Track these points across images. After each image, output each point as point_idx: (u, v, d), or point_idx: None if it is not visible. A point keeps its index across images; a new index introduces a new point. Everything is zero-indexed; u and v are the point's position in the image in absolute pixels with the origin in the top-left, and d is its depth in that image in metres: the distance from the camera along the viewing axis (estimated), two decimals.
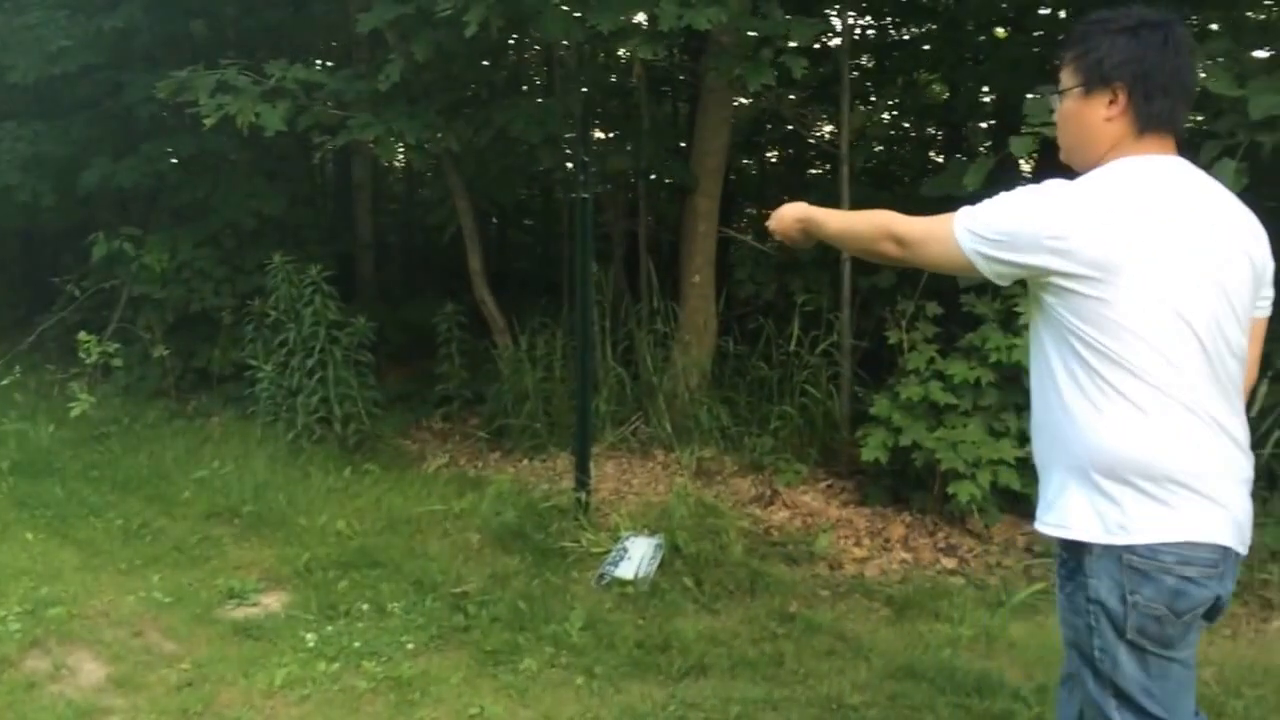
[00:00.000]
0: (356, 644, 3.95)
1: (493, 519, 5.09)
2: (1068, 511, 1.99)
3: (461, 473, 6.13)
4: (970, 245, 1.98)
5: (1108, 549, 1.90)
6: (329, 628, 4.11)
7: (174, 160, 7.81)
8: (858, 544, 4.88)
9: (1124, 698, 1.93)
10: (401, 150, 7.02)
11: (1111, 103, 1.97)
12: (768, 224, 2.50)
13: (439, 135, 6.21)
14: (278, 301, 6.56)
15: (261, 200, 7.76)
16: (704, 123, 6.53)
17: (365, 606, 4.29)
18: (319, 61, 8.23)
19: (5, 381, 6.99)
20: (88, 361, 6.76)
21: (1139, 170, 1.94)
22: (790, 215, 2.42)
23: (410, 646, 3.95)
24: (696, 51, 7.06)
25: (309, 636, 4.02)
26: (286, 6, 8.27)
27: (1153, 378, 1.86)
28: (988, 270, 1.98)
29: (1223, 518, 1.91)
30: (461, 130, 6.36)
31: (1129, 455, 1.89)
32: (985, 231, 1.96)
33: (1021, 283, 2.02)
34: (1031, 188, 1.96)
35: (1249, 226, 2.00)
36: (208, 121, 5.64)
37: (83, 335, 6.78)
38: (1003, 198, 1.99)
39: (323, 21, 8.69)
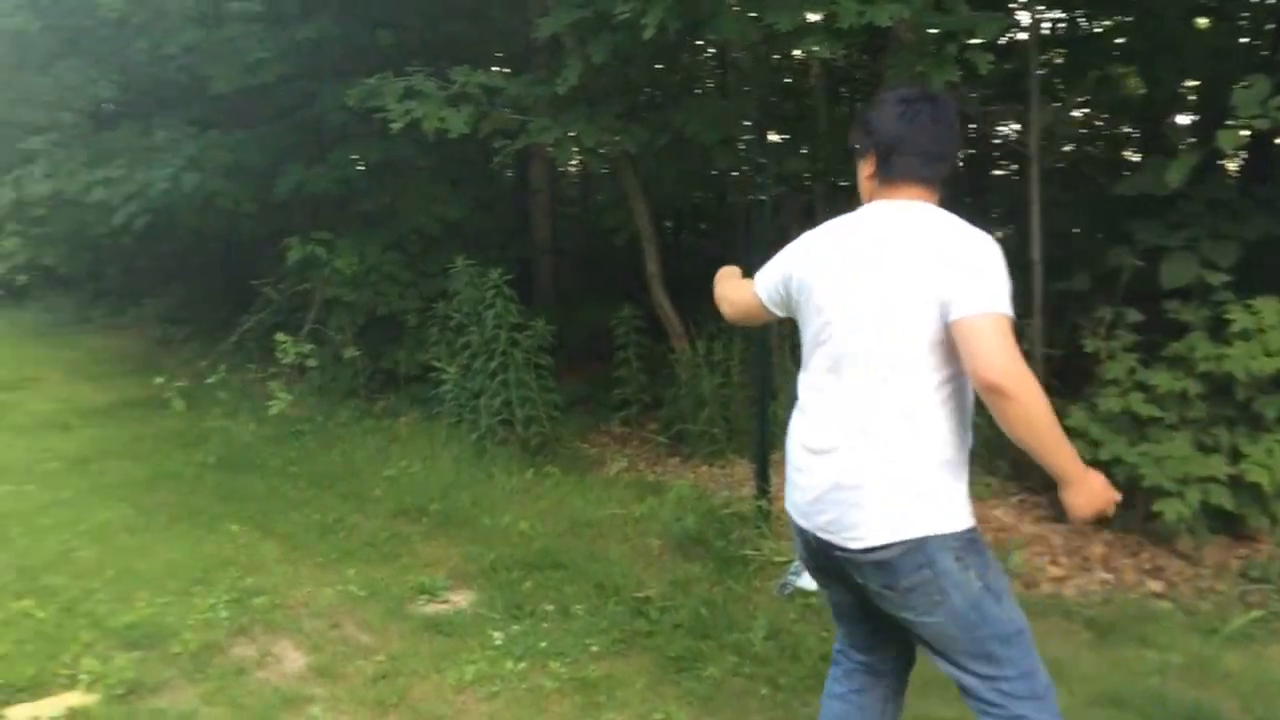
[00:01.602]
0: (542, 644, 3.99)
1: (673, 524, 5.08)
2: None
3: (640, 477, 6.15)
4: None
5: None
6: (515, 627, 4.17)
7: (362, 167, 8.10)
8: (1054, 562, 4.64)
9: None
10: (578, 154, 7.09)
11: (867, 169, 2.43)
12: None
13: (616, 138, 6.25)
14: (460, 305, 6.72)
15: (444, 205, 7.99)
16: None
17: (550, 607, 4.34)
18: (497, 68, 8.42)
19: (211, 380, 7.40)
20: (285, 361, 7.08)
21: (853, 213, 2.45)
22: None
23: (595, 649, 3.97)
24: (875, 49, 6.90)
25: (496, 635, 4.09)
26: (467, 15, 8.48)
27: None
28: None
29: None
30: (638, 133, 6.38)
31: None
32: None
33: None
34: None
35: (921, 255, 2.24)
36: (395, 126, 5.82)
37: (280, 336, 7.09)
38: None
39: (502, 28, 8.89)
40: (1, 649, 4.02)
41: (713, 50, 8.93)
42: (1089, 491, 2.24)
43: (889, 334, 2.25)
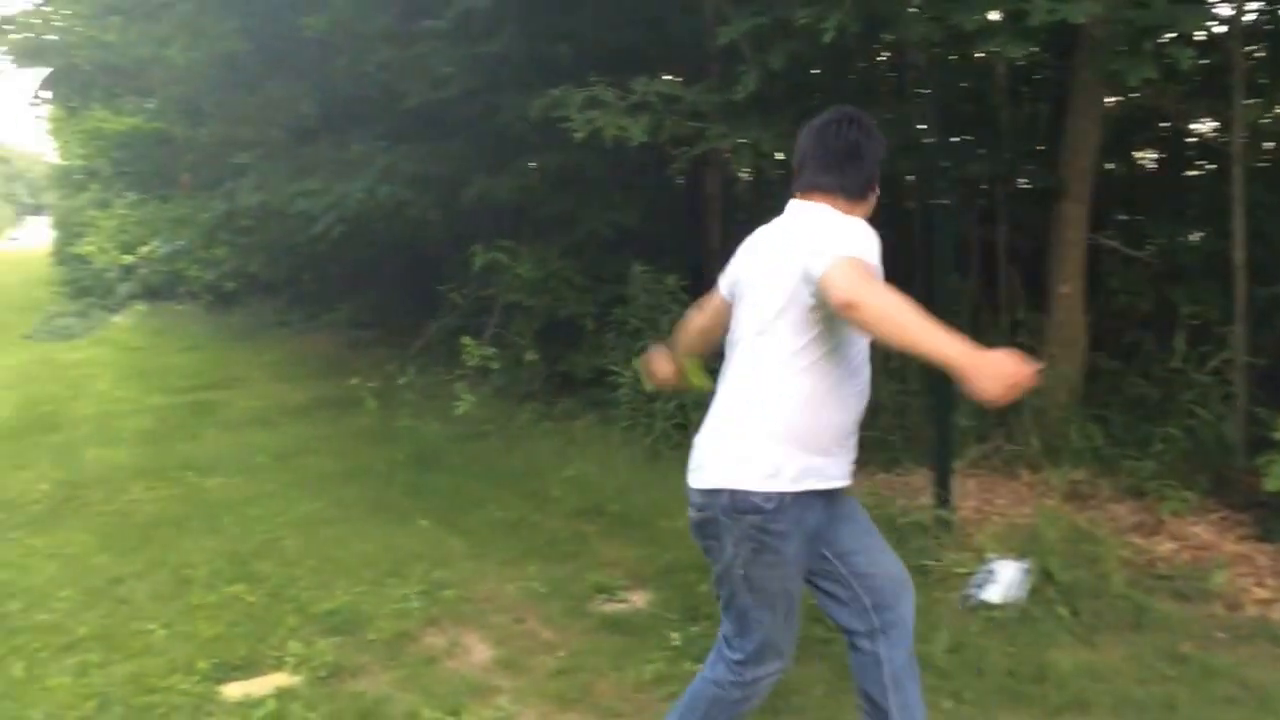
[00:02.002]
0: None
1: None
2: None
3: None
4: None
5: None
6: (692, 629, 4.21)
7: (542, 175, 8.32)
8: (1260, 584, 4.39)
9: None
10: (754, 159, 7.10)
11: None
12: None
13: (792, 143, 6.24)
14: (637, 310, 6.83)
15: (619, 212, 8.13)
16: (1073, 123, 6.16)
17: None
18: (673, 76, 8.50)
19: (401, 381, 7.75)
20: (469, 364, 7.34)
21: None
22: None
23: None
24: (1062, 47, 6.67)
25: (674, 636, 4.14)
26: (645, 26, 8.60)
27: None
28: None
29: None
30: None
31: None
32: None
33: None
34: None
35: (794, 241, 2.54)
36: (578, 136, 5.96)
37: (465, 340, 7.36)
38: None
39: (677, 38, 8.98)
40: (216, 629, 4.34)
41: (887, 54, 8.80)
42: (990, 370, 2.08)
43: (756, 312, 2.58)
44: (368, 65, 7.82)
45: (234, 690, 3.81)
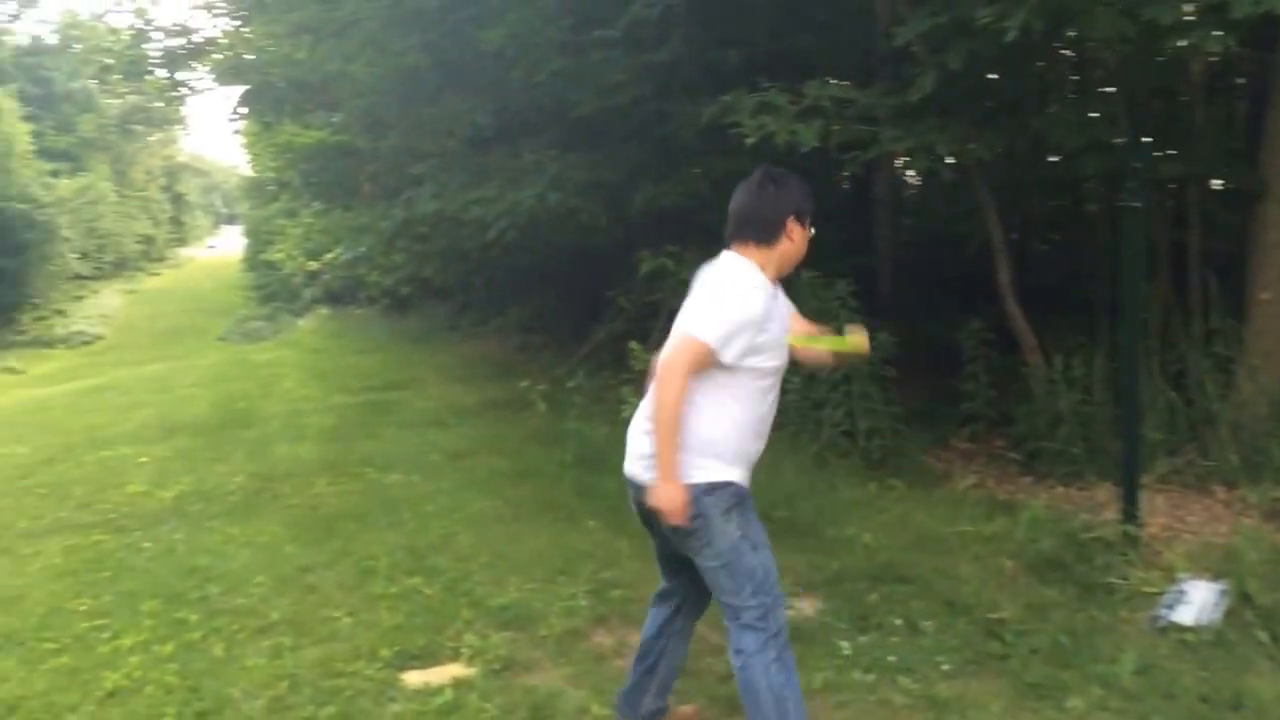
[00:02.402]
0: (891, 658, 3.95)
1: (1028, 546, 4.87)
2: None
3: (990, 495, 5.94)
4: None
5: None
6: (862, 638, 4.15)
7: (708, 182, 8.32)
8: None
9: None
10: (930, 163, 6.93)
11: None
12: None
13: (970, 146, 6.08)
14: (805, 316, 6.75)
15: None
16: (1274, 120, 5.80)
17: (897, 622, 4.29)
18: (840, 79, 8.40)
19: (569, 385, 7.88)
20: (636, 368, 7.39)
21: None
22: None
23: (945, 668, 3.88)
24: (1264, 40, 6.29)
25: (844, 645, 4.09)
26: (813, 30, 8.53)
27: None
28: None
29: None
30: (993, 140, 6.18)
31: None
32: None
33: None
34: None
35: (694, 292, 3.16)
36: (749, 141, 5.94)
37: (632, 344, 7.41)
38: None
39: (846, 40, 8.87)
40: (397, 620, 4.51)
41: (1070, 51, 8.47)
42: (668, 497, 2.94)
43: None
44: (540, 76, 7.99)
45: (413, 678, 3.96)
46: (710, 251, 8.19)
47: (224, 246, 77.64)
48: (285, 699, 3.85)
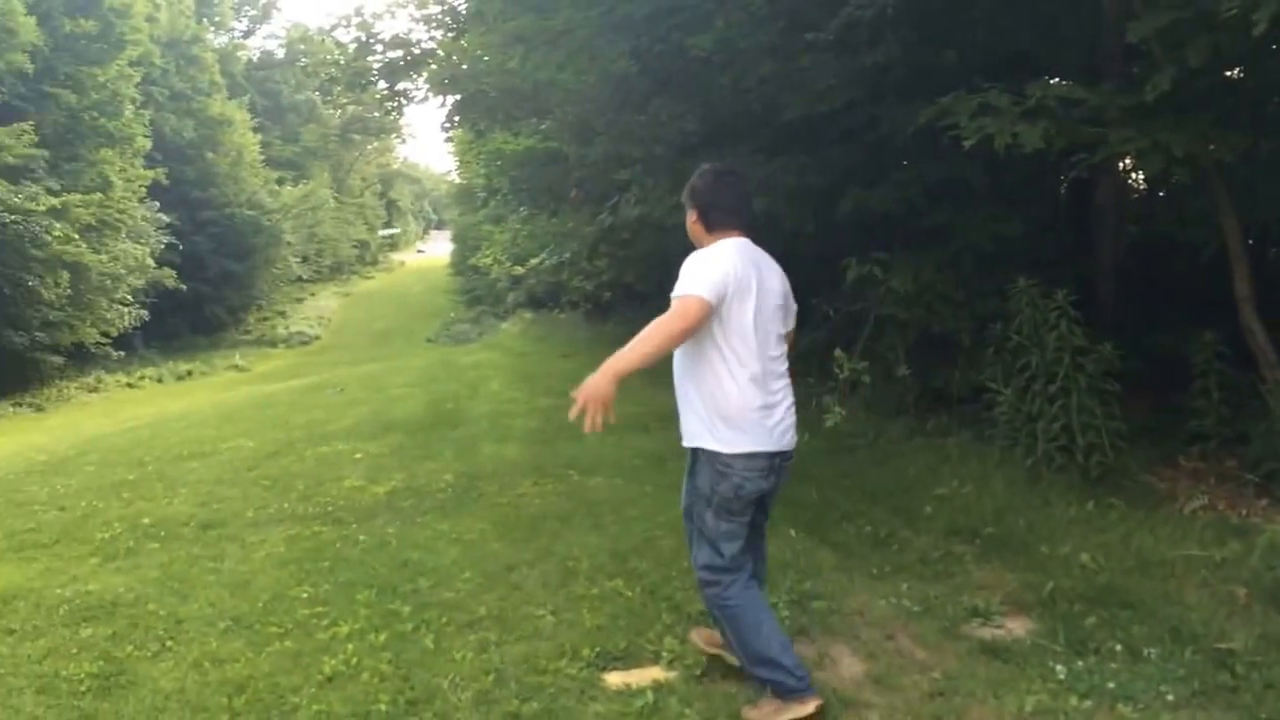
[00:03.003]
0: (1110, 684, 3.77)
1: (1264, 573, 4.54)
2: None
3: (1222, 518, 5.54)
4: None
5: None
6: (1079, 663, 3.97)
7: (921, 186, 8.12)
8: None
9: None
10: (1163, 165, 6.53)
11: (694, 218, 3.82)
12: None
13: (1210, 146, 5.70)
14: (1020, 326, 6.52)
15: (1001, 224, 7.78)
16: None
17: (1117, 647, 4.08)
18: (1063, 79, 8.04)
19: None
20: (840, 376, 7.30)
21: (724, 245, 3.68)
22: (597, 387, 3.39)
23: (1170, 698, 3.67)
24: None
25: (1058, 668, 3.92)
26: (1035, 27, 8.21)
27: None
28: None
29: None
30: (1235, 140, 5.77)
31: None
32: None
33: None
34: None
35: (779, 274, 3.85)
36: (968, 143, 5.75)
37: (838, 353, 7.32)
38: None
39: (1070, 38, 8.49)
40: (599, 620, 4.59)
41: None
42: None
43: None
44: (749, 81, 7.98)
45: (615, 679, 4.01)
46: (921, 258, 8.04)
47: (433, 251, 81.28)
48: (491, 692, 3.96)
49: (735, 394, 3.58)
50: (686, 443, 3.74)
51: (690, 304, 3.45)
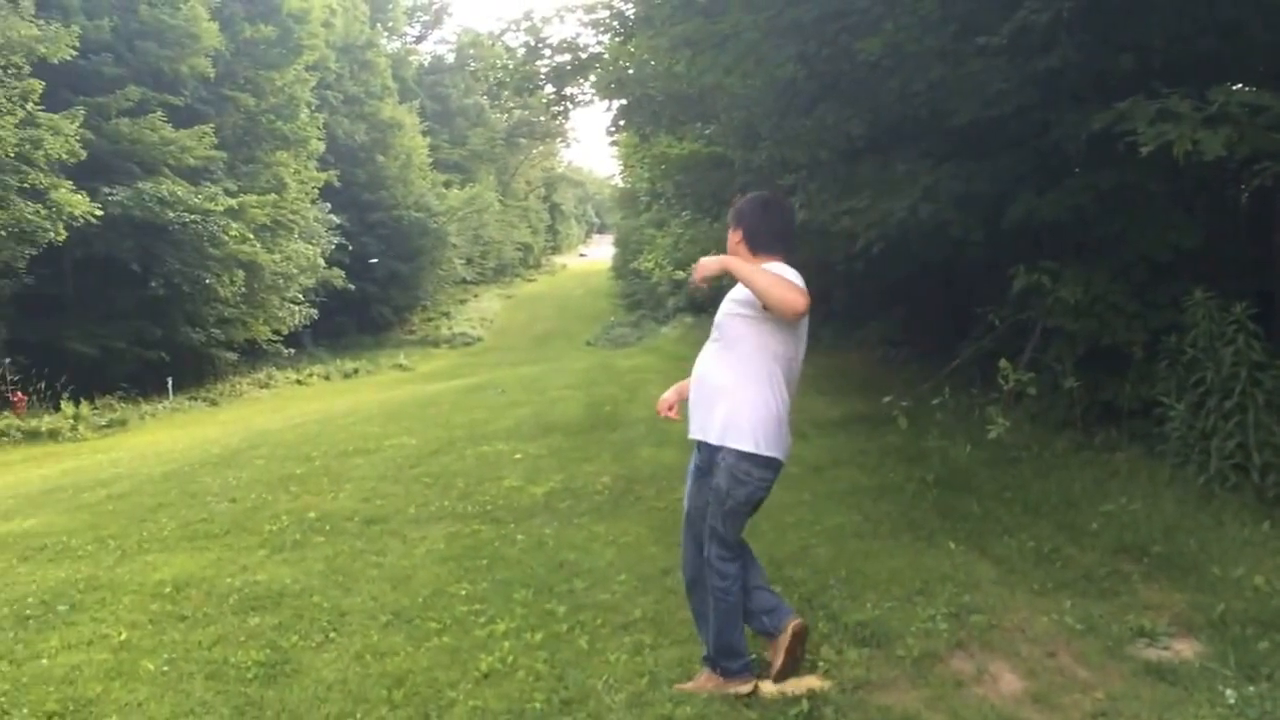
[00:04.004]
0: None
1: None
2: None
3: None
4: None
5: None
6: (1250, 688, 3.85)
7: (1094, 194, 7.90)
8: None
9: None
10: None
11: (738, 238, 4.02)
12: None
13: None
14: (1195, 339, 6.31)
15: (1177, 233, 7.52)
16: None
17: None
18: (1248, 85, 7.70)
19: (934, 401, 7.76)
20: (1005, 388, 7.18)
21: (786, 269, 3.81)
22: (710, 262, 3.81)
23: None
24: None
25: (1228, 693, 3.81)
26: (1218, 31, 7.90)
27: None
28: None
29: None
30: None
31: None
32: None
33: None
34: None
35: None
36: (1145, 149, 5.60)
37: (1003, 363, 7.20)
38: None
39: (1260, 43, 8.13)
40: None
41: None
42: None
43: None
44: (917, 85, 7.91)
45: (769, 687, 4.01)
46: (1092, 268, 7.84)
47: (594, 254, 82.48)
48: (645, 695, 3.99)
49: (776, 406, 3.84)
50: (715, 439, 3.88)
51: (804, 298, 3.64)
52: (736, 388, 3.84)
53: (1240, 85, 6.30)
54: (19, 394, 22.02)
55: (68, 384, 22.80)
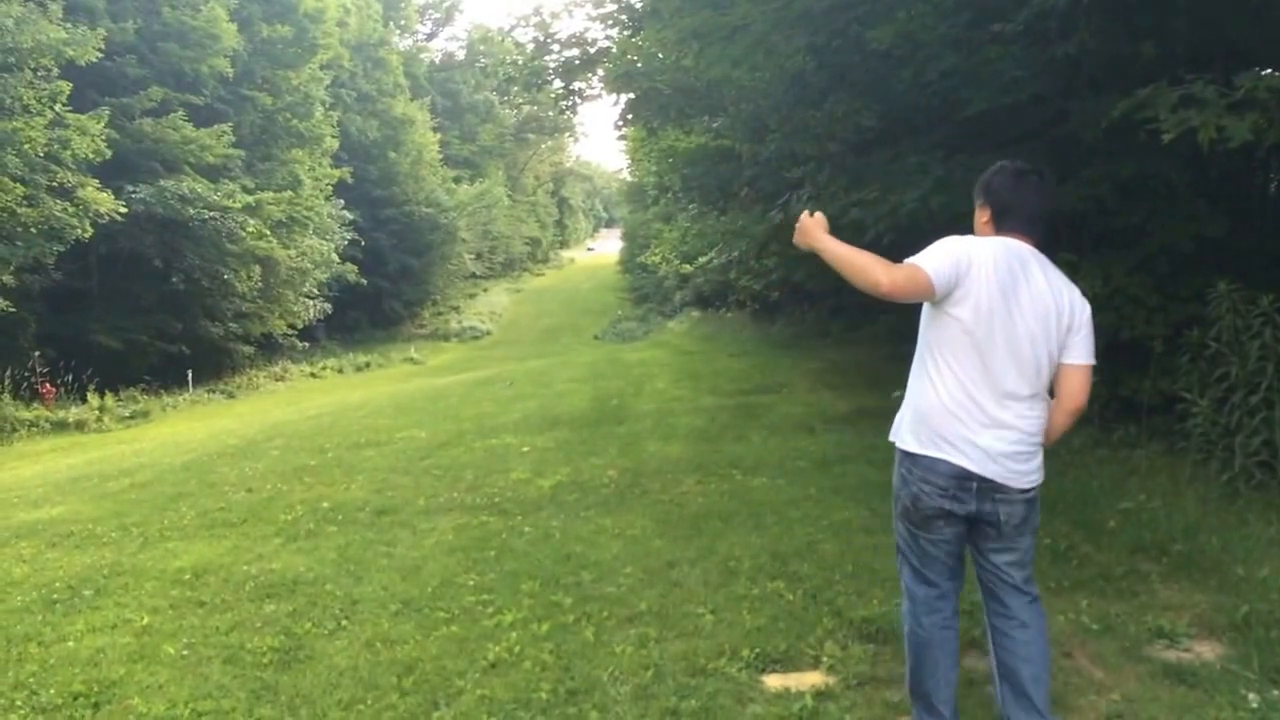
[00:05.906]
0: None
1: None
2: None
3: None
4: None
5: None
6: (1274, 692, 3.70)
7: (1112, 184, 7.72)
8: None
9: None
10: None
11: (985, 218, 3.41)
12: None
13: None
14: (1219, 333, 6.12)
15: (1201, 224, 7.33)
16: None
17: None
18: (1275, 71, 7.50)
19: None
20: None
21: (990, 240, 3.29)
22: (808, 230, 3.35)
23: None
24: None
25: (1251, 696, 3.66)
26: (1246, 15, 7.69)
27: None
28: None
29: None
30: None
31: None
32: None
33: None
34: None
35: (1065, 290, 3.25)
36: (1167, 137, 5.42)
37: None
38: None
39: None
40: (758, 622, 4.54)
41: None
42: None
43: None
44: (930, 74, 7.73)
45: (774, 681, 3.95)
46: (1111, 259, 7.67)
47: (602, 249, 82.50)
48: (650, 688, 3.95)
49: (933, 396, 3.25)
50: (890, 435, 3.47)
51: (909, 271, 3.13)
52: (910, 379, 3.42)
53: (1270, 70, 6.11)
54: (48, 386, 22.24)
55: (93, 376, 23.00)
